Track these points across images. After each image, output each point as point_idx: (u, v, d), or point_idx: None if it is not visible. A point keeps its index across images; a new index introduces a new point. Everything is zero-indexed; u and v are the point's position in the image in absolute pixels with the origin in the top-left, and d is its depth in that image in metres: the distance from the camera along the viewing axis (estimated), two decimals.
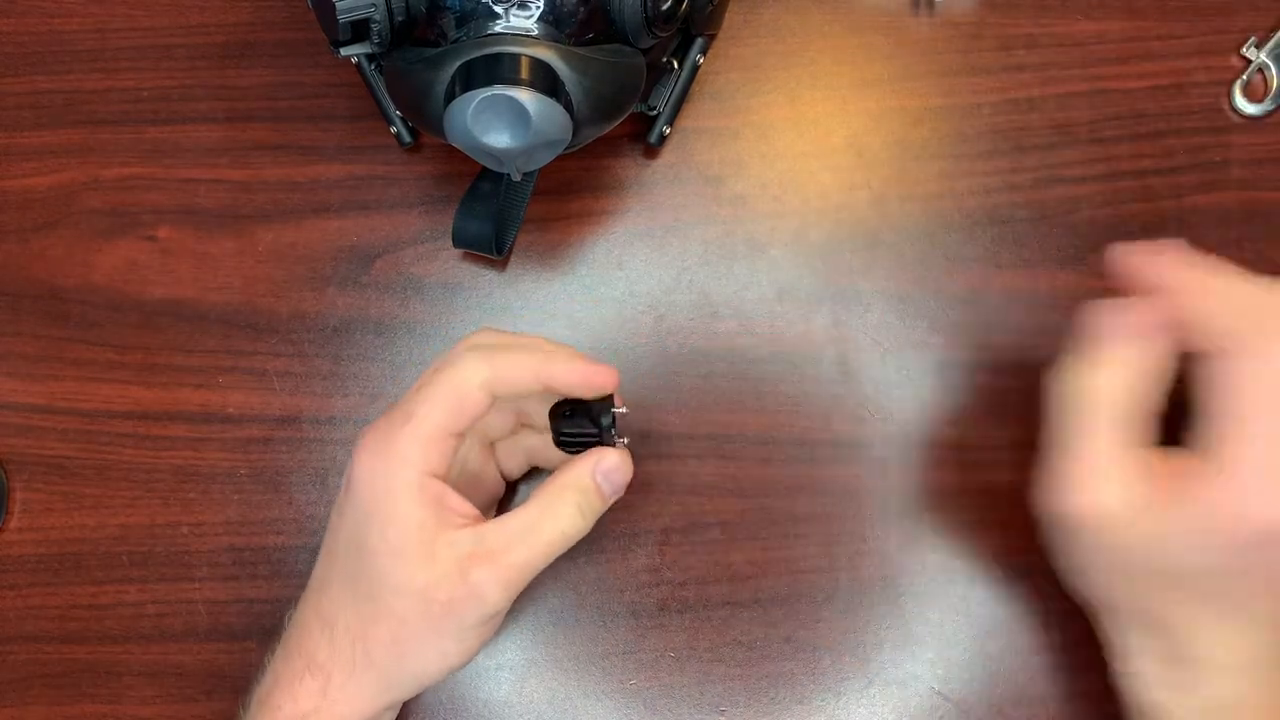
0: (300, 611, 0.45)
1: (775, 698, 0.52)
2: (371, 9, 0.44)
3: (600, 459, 0.44)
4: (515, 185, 0.53)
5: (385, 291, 0.55)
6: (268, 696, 0.43)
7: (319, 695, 0.42)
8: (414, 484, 0.41)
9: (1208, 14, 0.57)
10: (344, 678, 0.42)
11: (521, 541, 0.42)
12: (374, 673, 0.42)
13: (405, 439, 0.41)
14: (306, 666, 0.43)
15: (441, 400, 0.42)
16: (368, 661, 0.42)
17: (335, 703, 0.42)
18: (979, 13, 0.57)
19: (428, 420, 0.42)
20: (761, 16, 0.57)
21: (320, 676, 0.43)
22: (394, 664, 0.42)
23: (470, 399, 0.42)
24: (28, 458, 0.55)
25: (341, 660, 0.42)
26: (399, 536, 0.41)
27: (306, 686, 0.43)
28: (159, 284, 0.55)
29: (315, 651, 0.43)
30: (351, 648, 0.42)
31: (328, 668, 0.43)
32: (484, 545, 0.41)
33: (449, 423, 0.42)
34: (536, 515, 0.43)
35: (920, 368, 0.54)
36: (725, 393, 0.54)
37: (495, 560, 0.41)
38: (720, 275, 0.55)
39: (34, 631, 0.53)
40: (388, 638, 0.42)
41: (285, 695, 0.43)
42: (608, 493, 0.44)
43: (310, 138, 0.56)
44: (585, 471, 0.43)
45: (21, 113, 0.57)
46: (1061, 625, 0.53)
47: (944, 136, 0.56)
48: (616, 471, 0.44)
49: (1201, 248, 0.55)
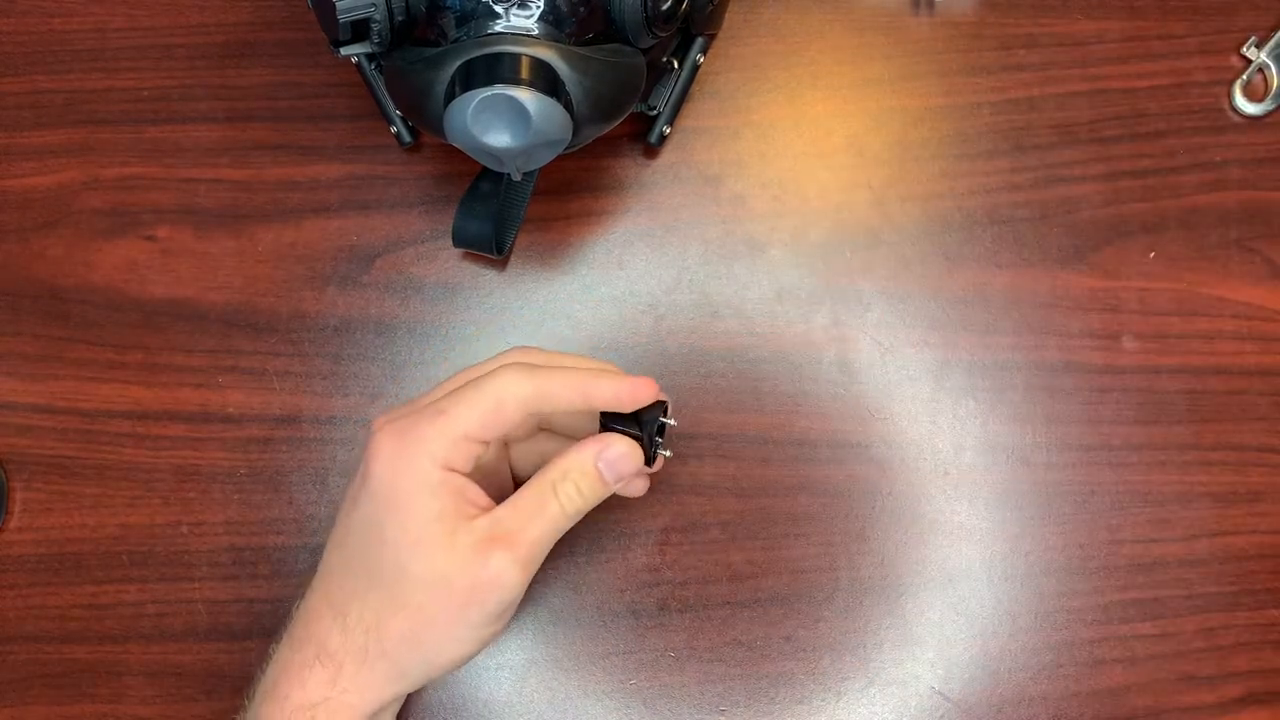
0: (309, 600, 0.45)
1: (775, 698, 0.52)
2: (371, 9, 0.44)
3: (606, 446, 0.44)
4: (515, 185, 0.53)
5: (385, 291, 0.55)
6: (274, 686, 0.43)
7: (329, 685, 0.42)
8: (435, 476, 0.42)
9: (1208, 14, 0.57)
10: (355, 667, 0.42)
11: (532, 520, 0.42)
12: (386, 662, 0.42)
13: (434, 434, 0.42)
14: (316, 655, 0.43)
15: (479, 405, 0.42)
16: (380, 651, 0.42)
17: (346, 692, 0.42)
18: (979, 13, 0.57)
19: (460, 421, 0.42)
20: (761, 16, 0.57)
21: (331, 666, 0.42)
22: (410, 654, 0.42)
23: (507, 411, 0.42)
24: (28, 458, 0.55)
25: (354, 650, 0.42)
26: (419, 527, 0.41)
27: (316, 675, 0.42)
28: (159, 284, 0.55)
29: (326, 640, 0.43)
30: (365, 637, 0.42)
31: (339, 657, 0.42)
32: (501, 528, 0.42)
33: (480, 429, 0.42)
34: (541, 496, 0.43)
35: (920, 368, 0.54)
36: (725, 393, 0.54)
37: (513, 541, 0.42)
38: (720, 275, 0.55)
39: (34, 631, 0.53)
40: (406, 628, 0.42)
41: (294, 684, 0.43)
42: (609, 479, 0.44)
43: (310, 138, 0.56)
44: (589, 456, 0.43)
45: (21, 113, 0.57)
46: (1061, 625, 0.53)
47: (944, 136, 0.56)
48: (621, 460, 0.44)
49: (1202, 248, 0.55)
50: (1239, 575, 0.53)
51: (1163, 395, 0.54)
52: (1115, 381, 0.54)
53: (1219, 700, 0.52)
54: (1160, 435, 0.54)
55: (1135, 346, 0.54)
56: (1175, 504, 0.53)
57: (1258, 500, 0.53)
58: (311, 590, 0.45)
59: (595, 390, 0.43)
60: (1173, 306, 0.55)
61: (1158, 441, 0.54)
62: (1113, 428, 0.54)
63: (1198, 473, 0.54)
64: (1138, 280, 0.55)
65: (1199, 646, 0.53)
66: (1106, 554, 0.53)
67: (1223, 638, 0.53)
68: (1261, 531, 0.53)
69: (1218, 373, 0.54)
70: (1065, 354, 0.54)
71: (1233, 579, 0.53)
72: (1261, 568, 0.53)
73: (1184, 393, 0.54)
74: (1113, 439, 0.54)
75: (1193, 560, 0.53)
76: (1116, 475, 0.54)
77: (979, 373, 0.54)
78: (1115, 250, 0.55)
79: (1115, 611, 0.53)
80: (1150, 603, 0.53)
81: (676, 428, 0.45)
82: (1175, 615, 0.53)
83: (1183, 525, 0.53)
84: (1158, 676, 0.52)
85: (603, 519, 0.53)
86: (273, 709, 0.43)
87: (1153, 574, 0.53)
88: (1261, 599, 0.53)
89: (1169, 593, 0.53)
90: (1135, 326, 0.54)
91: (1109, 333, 0.54)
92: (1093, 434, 0.54)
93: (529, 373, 0.43)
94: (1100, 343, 0.54)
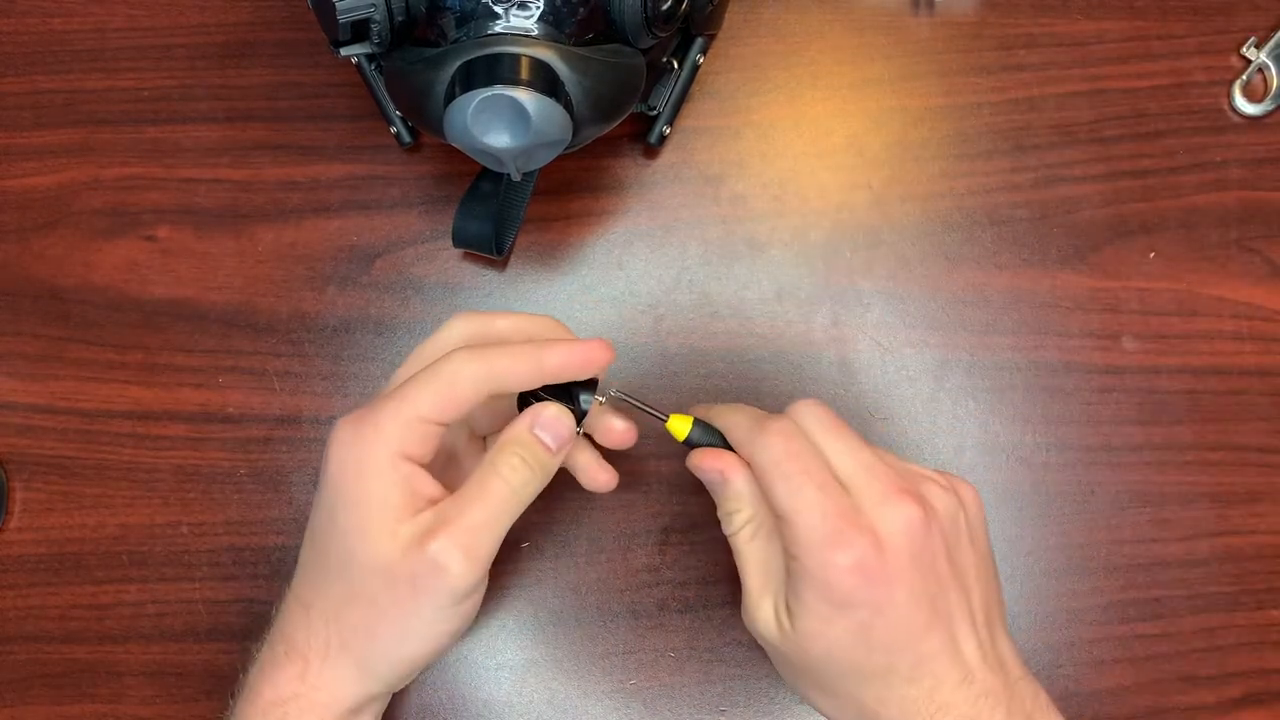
0: (285, 598, 0.45)
1: (775, 698, 0.52)
2: (371, 9, 0.44)
3: (538, 413, 0.43)
4: (515, 185, 0.53)
5: (385, 291, 0.55)
6: (252, 684, 0.43)
7: (298, 680, 0.42)
8: (385, 463, 0.41)
9: (1208, 14, 0.57)
10: (320, 662, 0.42)
11: (470, 504, 0.41)
12: (349, 656, 0.42)
13: (386, 418, 0.41)
14: (285, 651, 0.42)
15: (430, 386, 0.42)
16: (341, 643, 0.42)
17: (315, 688, 0.42)
18: (979, 13, 0.57)
19: (413, 403, 0.41)
20: (761, 16, 0.57)
21: (299, 661, 0.42)
22: (368, 647, 0.42)
23: (460, 389, 0.42)
24: (28, 458, 0.55)
25: (318, 644, 0.42)
26: (365, 515, 0.41)
27: (285, 672, 0.42)
28: (159, 284, 0.55)
29: (294, 635, 0.43)
30: (326, 629, 0.42)
31: (304, 651, 0.42)
32: (440, 517, 0.41)
33: (433, 410, 0.42)
34: (482, 476, 0.42)
35: (920, 368, 0.54)
36: (725, 393, 0.54)
37: (450, 527, 0.41)
38: (720, 275, 0.55)
39: (34, 631, 0.53)
40: (360, 620, 0.42)
41: (266, 681, 0.42)
42: (551, 444, 0.43)
43: (310, 138, 0.56)
44: (523, 425, 0.43)
45: (21, 113, 0.57)
46: (1061, 625, 0.53)
47: (944, 136, 0.56)
48: (555, 422, 0.43)
49: (1201, 248, 0.55)
50: (1239, 575, 0.53)
51: (1163, 395, 0.54)
52: (1115, 381, 0.54)
53: (1219, 700, 0.52)
54: (1160, 435, 0.54)
55: (1135, 346, 0.54)
56: (1175, 504, 0.53)
57: (1258, 500, 0.53)
58: (289, 588, 0.45)
59: (548, 360, 0.42)
60: (1173, 306, 0.55)
61: (1158, 441, 0.54)
62: (1113, 428, 0.54)
63: (1198, 473, 0.54)
64: (1138, 280, 0.55)
65: (1199, 646, 0.53)
66: (1106, 554, 0.53)
67: (1223, 638, 0.53)
68: (1261, 532, 0.53)
69: (1218, 373, 0.54)
70: (1065, 354, 0.54)
71: (1233, 579, 0.53)
72: (1261, 568, 0.53)
73: (1184, 393, 0.54)
74: (1113, 439, 0.54)
75: (1193, 560, 0.53)
76: (1116, 475, 0.54)
77: (979, 373, 0.54)
78: (1115, 250, 0.55)
79: (1115, 611, 0.53)
80: (1150, 603, 0.53)
81: (604, 405, 0.45)
82: (1175, 615, 0.53)
83: (1183, 525, 0.53)
84: (1158, 676, 0.52)
85: (603, 519, 0.53)
86: (247, 707, 0.43)
87: (1153, 574, 0.53)
88: (1261, 599, 0.53)
89: (1169, 593, 0.53)
90: (1135, 326, 0.54)
91: (1109, 333, 0.54)
92: (1093, 434, 0.54)
93: (479, 352, 0.42)
94: (1100, 343, 0.54)
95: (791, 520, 0.41)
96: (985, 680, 0.42)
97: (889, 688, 0.41)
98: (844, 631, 0.41)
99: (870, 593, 0.40)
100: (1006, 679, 0.42)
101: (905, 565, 0.41)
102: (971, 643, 0.42)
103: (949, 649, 0.41)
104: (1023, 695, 0.43)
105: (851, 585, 0.40)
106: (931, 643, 0.41)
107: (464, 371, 0.42)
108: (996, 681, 0.42)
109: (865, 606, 0.40)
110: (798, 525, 0.41)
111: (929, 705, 0.41)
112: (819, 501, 0.41)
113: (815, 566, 0.40)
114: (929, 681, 0.41)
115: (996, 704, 0.42)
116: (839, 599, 0.40)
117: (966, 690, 0.41)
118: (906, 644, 0.41)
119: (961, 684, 0.41)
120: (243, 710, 0.43)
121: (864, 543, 0.40)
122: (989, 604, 0.43)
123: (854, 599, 0.40)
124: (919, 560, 0.41)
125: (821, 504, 0.41)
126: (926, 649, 0.41)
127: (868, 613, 0.40)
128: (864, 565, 0.40)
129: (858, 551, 0.40)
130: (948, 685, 0.41)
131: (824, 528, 0.40)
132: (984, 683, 0.42)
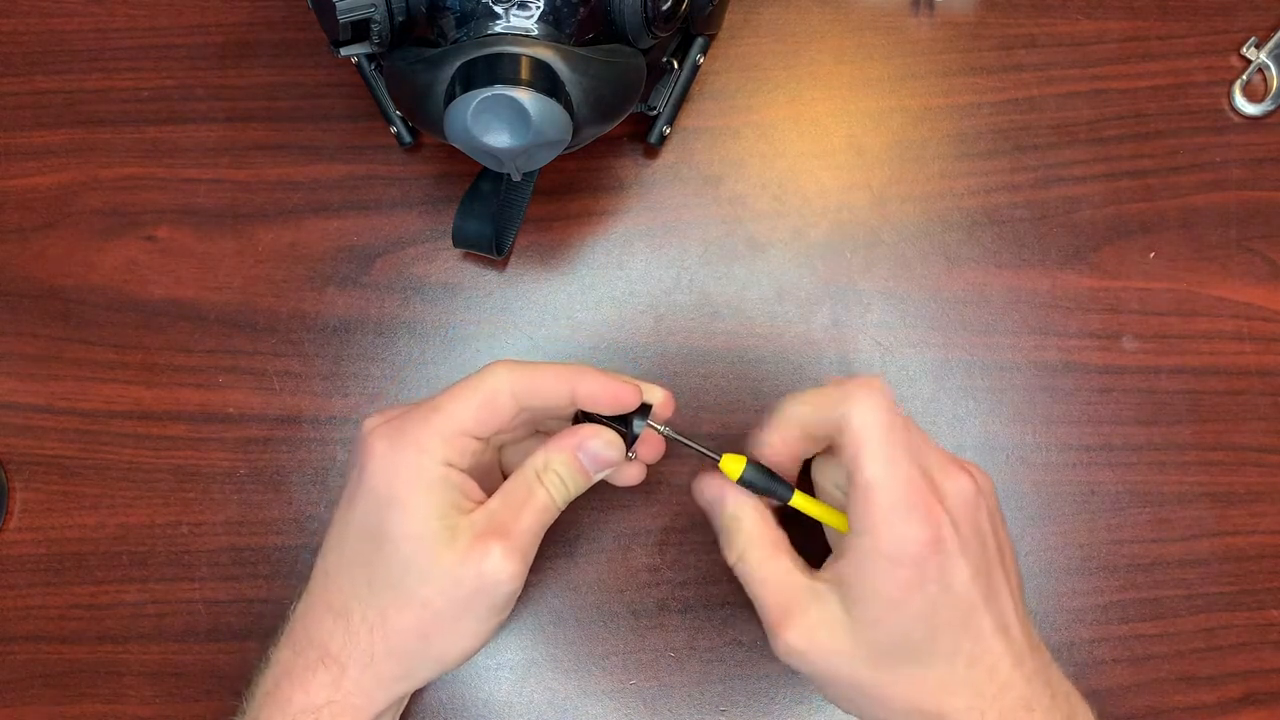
0: (307, 603, 0.45)
1: (775, 698, 0.52)
2: (371, 9, 0.44)
3: (586, 436, 0.44)
4: (515, 185, 0.53)
5: (385, 291, 0.55)
6: (275, 688, 0.43)
7: (332, 688, 0.42)
8: (434, 473, 0.42)
9: (1208, 14, 0.57)
10: (360, 670, 0.42)
11: (523, 510, 0.43)
12: (393, 661, 0.43)
13: (429, 432, 0.42)
14: (320, 659, 0.43)
15: (472, 400, 0.43)
16: (387, 650, 0.42)
17: (350, 694, 0.42)
18: (979, 13, 0.57)
19: (454, 417, 0.42)
20: (761, 16, 0.57)
21: (334, 668, 0.42)
22: (418, 651, 0.43)
23: (499, 403, 0.43)
24: (28, 458, 0.55)
25: (358, 652, 0.42)
26: (421, 524, 0.41)
27: (319, 679, 0.42)
28: (159, 284, 0.55)
29: (328, 643, 0.43)
30: (370, 637, 0.42)
31: (342, 659, 0.42)
32: (495, 520, 0.42)
33: (474, 424, 0.43)
34: (530, 484, 0.43)
35: (920, 368, 0.54)
36: (725, 393, 0.54)
37: (508, 532, 0.42)
38: (720, 275, 0.55)
39: (34, 631, 0.53)
40: (413, 625, 0.42)
41: (296, 687, 0.43)
42: (590, 469, 0.44)
43: (310, 138, 0.56)
44: (570, 445, 0.44)
45: (21, 113, 0.57)
46: (1061, 625, 0.53)
47: (944, 136, 0.56)
48: (601, 455, 0.44)
49: (1201, 248, 0.55)
50: (1239, 575, 0.53)
51: (1163, 395, 0.54)
52: (1115, 381, 0.54)
53: (1219, 700, 0.52)
54: (1160, 435, 0.54)
55: (1135, 346, 0.54)
56: (1175, 504, 0.53)
57: (1258, 500, 0.53)
58: (309, 593, 0.45)
59: (581, 385, 0.43)
60: (1173, 306, 0.55)
61: (1158, 441, 0.54)
62: (1113, 428, 0.54)
63: (1198, 473, 0.54)
64: (1138, 280, 0.55)
65: (1199, 646, 0.53)
66: (1106, 554, 0.53)
67: (1223, 638, 0.53)
68: (1261, 531, 0.53)
69: (1218, 373, 0.54)
70: (1065, 354, 0.54)
71: (1233, 579, 0.53)
72: (1261, 568, 0.53)
73: (1184, 393, 0.54)
74: (1113, 439, 0.54)
75: (1193, 560, 0.53)
76: (1116, 475, 0.54)
77: (979, 373, 0.54)
78: (1115, 250, 0.55)
79: (1115, 611, 0.53)
80: (1150, 603, 0.53)
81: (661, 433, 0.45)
82: (1175, 615, 0.53)
83: (1183, 525, 0.53)
84: (1158, 676, 0.52)
85: (603, 519, 0.53)
86: (275, 712, 0.43)
87: (1153, 574, 0.53)
88: (1261, 599, 0.53)
89: (1169, 593, 0.53)
90: (1135, 326, 0.54)
91: (1109, 333, 0.54)
92: (1093, 434, 0.54)
93: (518, 365, 0.43)
94: (1100, 343, 0.54)
95: (875, 488, 0.41)
96: (1032, 662, 0.42)
97: (953, 670, 0.41)
98: (912, 614, 0.40)
99: (940, 568, 0.40)
100: (1043, 661, 0.42)
101: (970, 538, 0.41)
102: (1016, 623, 0.42)
103: (1001, 629, 0.41)
104: (1056, 680, 0.43)
105: (925, 559, 0.40)
106: (988, 621, 0.41)
107: (504, 385, 0.43)
108: (1039, 663, 0.42)
109: (935, 583, 0.40)
110: (879, 495, 0.41)
111: (991, 686, 0.41)
112: (908, 473, 0.41)
113: (889, 541, 0.40)
114: (989, 660, 0.41)
115: (1044, 686, 0.41)
116: (907, 577, 0.40)
117: (1020, 670, 0.41)
118: (968, 622, 0.41)
119: (1016, 665, 0.41)
120: (269, 715, 0.43)
121: (940, 515, 0.40)
122: (1020, 583, 0.44)
123: (926, 574, 0.40)
124: (978, 533, 0.41)
125: (909, 475, 0.41)
126: (985, 627, 0.41)
127: (936, 589, 0.40)
128: (940, 539, 0.40)
129: (935, 523, 0.40)
130: (1005, 665, 0.41)
131: (909, 499, 0.40)
132: (1032, 664, 0.42)
